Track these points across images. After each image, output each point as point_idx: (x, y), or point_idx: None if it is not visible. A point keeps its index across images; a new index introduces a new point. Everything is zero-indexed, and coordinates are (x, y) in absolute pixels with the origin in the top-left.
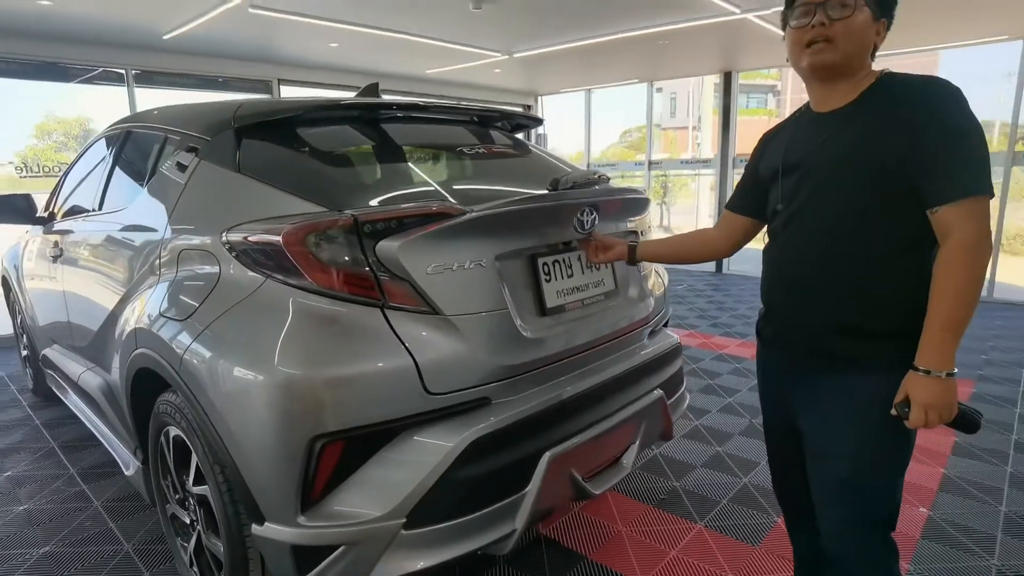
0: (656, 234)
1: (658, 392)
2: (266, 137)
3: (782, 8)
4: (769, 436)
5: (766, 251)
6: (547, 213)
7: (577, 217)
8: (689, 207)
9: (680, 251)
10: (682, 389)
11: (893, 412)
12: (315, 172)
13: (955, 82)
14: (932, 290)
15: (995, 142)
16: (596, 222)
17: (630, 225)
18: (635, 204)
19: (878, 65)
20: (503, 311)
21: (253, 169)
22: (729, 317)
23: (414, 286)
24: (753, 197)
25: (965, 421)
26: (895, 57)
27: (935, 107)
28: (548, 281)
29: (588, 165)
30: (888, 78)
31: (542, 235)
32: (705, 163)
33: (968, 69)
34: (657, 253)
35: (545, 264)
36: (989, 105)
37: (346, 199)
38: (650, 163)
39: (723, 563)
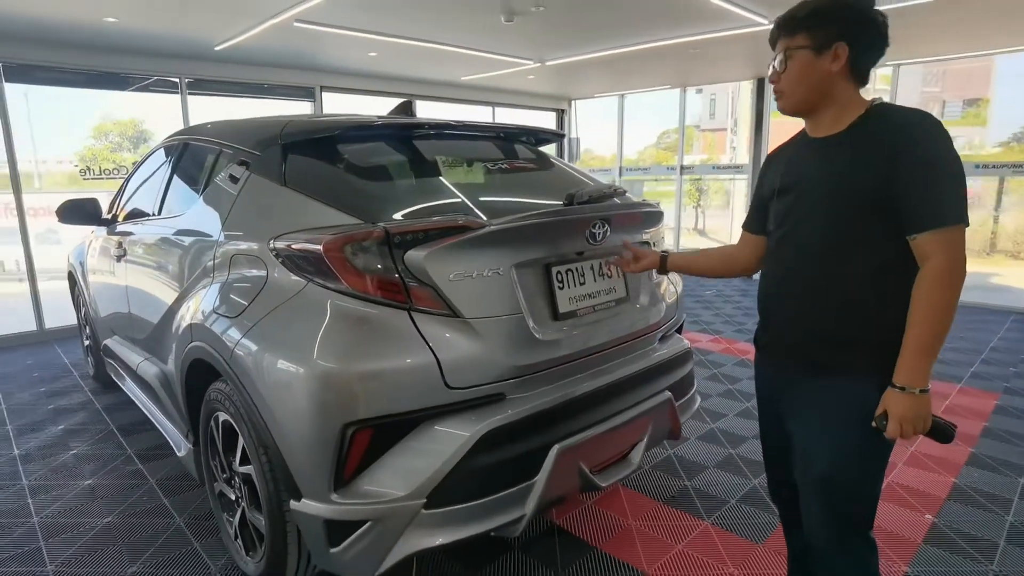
0: (690, 237)
1: (667, 393)
2: (310, 153)
3: None
4: (764, 438)
5: (763, 265)
6: (561, 226)
7: (589, 230)
8: (725, 209)
9: (708, 265)
10: (692, 391)
11: (873, 424)
12: (353, 186)
13: (1011, 84)
14: (909, 313)
15: None
16: (608, 235)
17: (644, 237)
18: (648, 217)
19: (945, 70)
20: (518, 315)
21: (298, 182)
22: (755, 323)
23: (438, 292)
24: (763, 215)
25: (938, 432)
26: (952, 62)
27: (917, 141)
28: (561, 288)
29: (620, 169)
30: (877, 109)
31: (556, 246)
32: (738, 168)
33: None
34: (687, 265)
35: (559, 272)
36: None
37: (380, 212)
38: (682, 168)
39: (726, 558)
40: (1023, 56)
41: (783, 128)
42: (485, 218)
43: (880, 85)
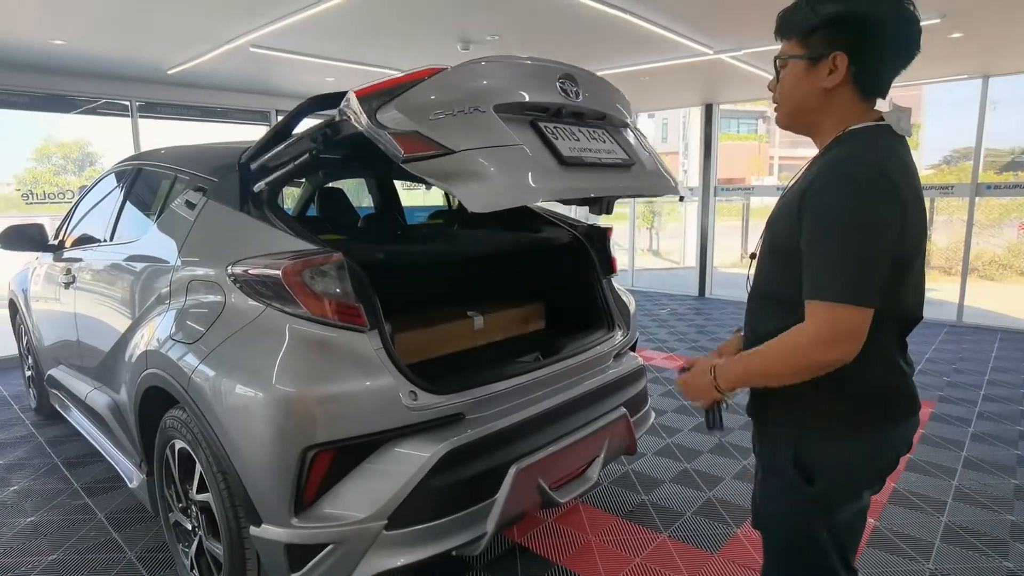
0: (644, 257)
1: (622, 410)
2: (268, 181)
3: (752, 50)
4: None
5: None
6: (527, 70)
7: (559, 82)
8: (677, 231)
9: None
10: (646, 407)
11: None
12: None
13: (938, 112)
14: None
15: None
16: (581, 95)
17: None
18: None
19: None
20: (518, 146)
21: (256, 209)
22: (708, 341)
23: (420, 135)
24: None
25: (708, 417)
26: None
27: (821, 193)
28: (556, 139)
29: None
30: (839, 140)
31: (531, 92)
32: (688, 191)
33: (951, 98)
34: None
35: (547, 127)
36: (968, 134)
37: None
38: None
39: (683, 569)
40: (947, 87)
41: (736, 153)
42: None
43: None
